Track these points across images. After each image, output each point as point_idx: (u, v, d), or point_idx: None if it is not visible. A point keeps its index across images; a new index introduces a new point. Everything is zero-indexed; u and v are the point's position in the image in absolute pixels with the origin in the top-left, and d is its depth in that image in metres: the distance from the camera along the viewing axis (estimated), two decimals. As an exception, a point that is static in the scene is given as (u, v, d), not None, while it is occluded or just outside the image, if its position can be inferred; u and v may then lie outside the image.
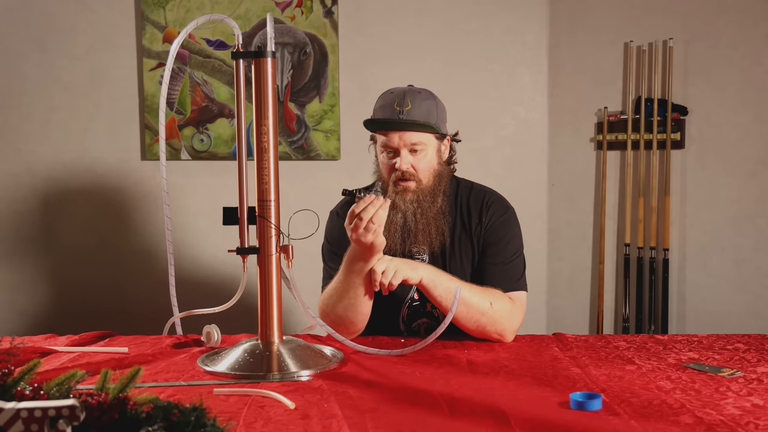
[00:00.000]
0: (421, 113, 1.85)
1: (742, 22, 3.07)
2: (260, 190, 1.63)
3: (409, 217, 1.87)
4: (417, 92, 1.88)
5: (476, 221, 1.94)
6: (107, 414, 0.94)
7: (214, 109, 3.06)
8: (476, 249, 1.93)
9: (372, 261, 1.75)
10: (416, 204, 1.87)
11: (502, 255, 1.90)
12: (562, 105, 3.19)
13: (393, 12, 3.07)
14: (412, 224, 1.87)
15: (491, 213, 1.94)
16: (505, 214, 1.95)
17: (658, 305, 3.15)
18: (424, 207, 1.87)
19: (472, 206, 1.96)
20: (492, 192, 2.01)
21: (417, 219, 1.87)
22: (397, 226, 1.86)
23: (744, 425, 1.19)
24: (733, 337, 1.80)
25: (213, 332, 1.77)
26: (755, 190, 3.11)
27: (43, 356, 1.67)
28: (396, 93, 1.88)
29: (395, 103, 1.85)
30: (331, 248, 1.99)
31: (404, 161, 1.85)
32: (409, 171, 1.85)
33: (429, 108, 1.87)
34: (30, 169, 3.07)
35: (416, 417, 1.25)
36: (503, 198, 2.00)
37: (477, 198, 1.97)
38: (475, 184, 2.02)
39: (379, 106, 1.90)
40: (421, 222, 1.87)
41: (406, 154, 1.85)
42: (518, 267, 1.92)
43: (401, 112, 1.83)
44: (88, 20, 3.03)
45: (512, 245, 1.92)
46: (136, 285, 3.08)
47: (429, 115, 1.86)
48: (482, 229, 1.93)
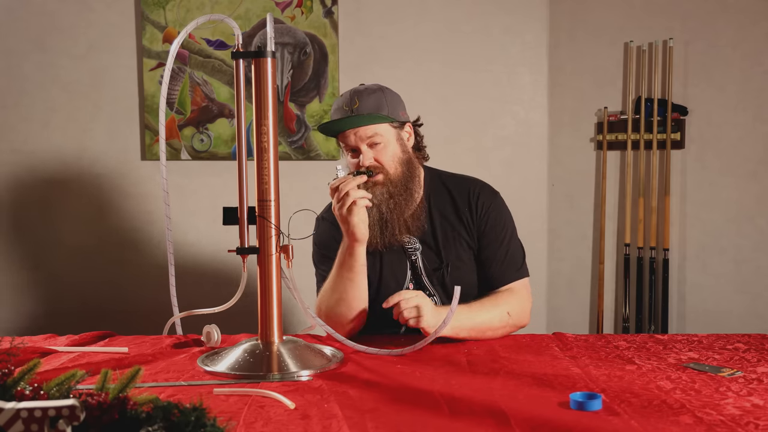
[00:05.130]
0: (369, 107, 1.88)
1: (742, 22, 3.07)
2: (260, 190, 1.62)
3: (384, 210, 1.89)
4: (364, 89, 1.92)
5: (466, 210, 1.96)
6: (107, 414, 0.94)
7: (214, 109, 3.06)
8: (474, 238, 1.96)
9: (357, 251, 1.80)
10: (388, 195, 1.88)
11: (501, 242, 1.95)
12: (562, 105, 3.19)
13: (393, 12, 3.07)
14: (387, 216, 1.89)
15: (482, 201, 1.96)
16: (494, 200, 1.98)
17: (658, 305, 3.15)
18: (397, 198, 1.89)
19: (456, 195, 1.98)
20: (475, 179, 2.03)
21: (392, 210, 1.89)
22: (374, 220, 1.88)
23: (744, 425, 1.19)
24: (733, 337, 1.80)
25: (213, 332, 1.77)
26: (755, 191, 3.11)
27: (43, 356, 1.67)
28: (345, 95, 1.93)
29: (344, 104, 1.90)
30: (320, 252, 2.01)
31: (366, 157, 1.87)
32: (373, 165, 1.88)
33: (377, 100, 1.90)
34: (30, 169, 3.07)
35: (416, 417, 1.25)
36: (486, 184, 2.03)
37: (461, 186, 1.99)
38: (451, 173, 2.05)
39: (332, 110, 1.95)
40: (395, 212, 1.89)
41: (367, 150, 1.88)
42: (518, 252, 1.97)
43: (351, 111, 1.87)
44: (88, 20, 3.03)
45: (507, 230, 1.97)
46: (136, 285, 3.08)
47: (378, 107, 1.89)
48: (475, 219, 1.96)
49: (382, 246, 1.91)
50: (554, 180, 3.21)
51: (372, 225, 1.87)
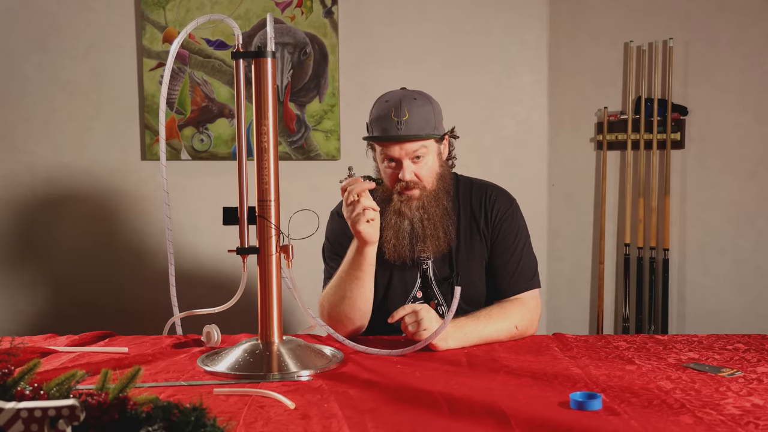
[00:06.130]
0: (420, 121, 1.82)
1: (742, 22, 3.07)
2: (260, 190, 1.62)
3: (416, 224, 1.86)
4: (413, 98, 1.84)
5: (482, 218, 1.94)
6: (107, 414, 0.94)
7: (214, 109, 3.06)
8: (486, 246, 1.93)
9: (366, 251, 1.78)
10: (422, 210, 1.86)
11: (514, 251, 1.92)
12: (562, 105, 3.19)
13: (393, 12, 3.07)
14: (419, 230, 1.86)
15: (497, 208, 1.94)
16: (510, 207, 1.96)
17: (658, 305, 3.15)
18: (430, 212, 1.87)
19: (475, 203, 1.95)
20: (493, 185, 2.00)
21: (424, 225, 1.86)
22: (405, 233, 1.86)
23: (744, 425, 1.19)
24: (733, 337, 1.80)
25: (213, 332, 1.77)
26: (755, 191, 3.11)
27: (43, 356, 1.67)
28: (391, 101, 1.83)
29: (392, 113, 1.81)
30: (331, 248, 1.99)
31: (407, 172, 1.83)
32: (413, 180, 1.84)
33: (427, 114, 1.84)
34: (30, 169, 3.07)
35: (416, 417, 1.25)
36: (505, 190, 2.00)
37: (479, 193, 1.97)
38: (474, 180, 2.02)
39: (375, 116, 1.86)
40: (429, 227, 1.86)
41: (409, 164, 1.83)
42: (530, 262, 1.94)
43: (399, 123, 1.80)
44: (88, 20, 3.03)
45: (520, 239, 1.94)
46: (136, 285, 3.08)
47: (427, 122, 1.83)
48: (490, 226, 1.93)
49: (410, 259, 1.89)
50: (554, 180, 3.21)
51: (402, 238, 1.85)
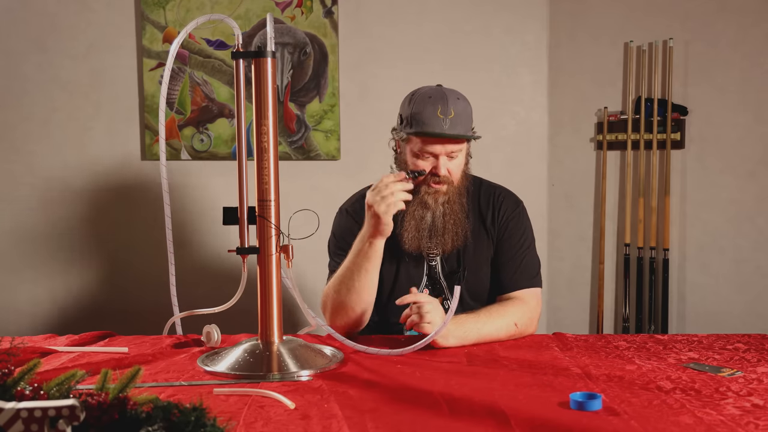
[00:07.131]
0: (466, 121, 1.86)
1: (742, 22, 3.07)
2: (260, 190, 1.63)
3: (438, 217, 1.89)
4: (456, 98, 1.87)
5: (489, 217, 1.97)
6: (107, 414, 0.94)
7: (214, 109, 3.06)
8: (492, 243, 1.96)
9: (377, 243, 1.80)
10: (446, 205, 1.89)
11: (518, 248, 1.94)
12: (562, 105, 3.19)
13: (393, 12, 3.07)
14: (440, 223, 1.89)
15: (504, 209, 1.97)
16: (516, 208, 1.99)
17: (658, 305, 3.15)
18: (453, 208, 1.90)
19: (483, 202, 1.99)
20: (501, 187, 2.04)
21: (445, 219, 1.89)
22: (426, 224, 1.88)
23: (744, 425, 1.19)
24: (733, 337, 1.80)
25: (213, 332, 1.77)
26: (755, 191, 3.11)
27: (43, 356, 1.67)
28: (435, 98, 1.85)
29: (438, 111, 1.83)
30: (337, 243, 2.01)
31: (442, 167, 1.86)
32: (446, 176, 1.88)
33: (468, 115, 1.89)
34: (30, 169, 3.07)
35: (416, 417, 1.25)
36: (512, 193, 2.04)
37: (488, 194, 2.00)
38: (483, 180, 2.05)
39: (418, 111, 1.85)
40: (449, 222, 1.89)
41: (444, 160, 1.87)
42: (533, 262, 1.96)
43: (445, 120, 1.82)
44: (88, 20, 3.03)
45: (526, 239, 1.97)
46: (136, 285, 3.08)
47: (470, 122, 1.89)
48: (496, 225, 1.97)
49: (424, 252, 1.91)
50: (554, 180, 3.21)
51: (423, 228, 1.88)
